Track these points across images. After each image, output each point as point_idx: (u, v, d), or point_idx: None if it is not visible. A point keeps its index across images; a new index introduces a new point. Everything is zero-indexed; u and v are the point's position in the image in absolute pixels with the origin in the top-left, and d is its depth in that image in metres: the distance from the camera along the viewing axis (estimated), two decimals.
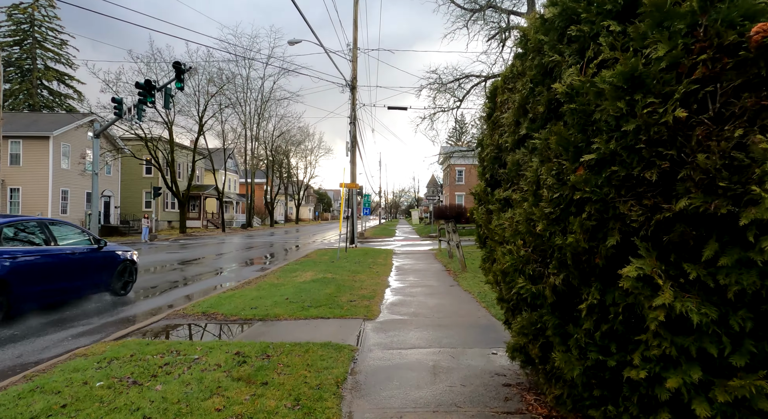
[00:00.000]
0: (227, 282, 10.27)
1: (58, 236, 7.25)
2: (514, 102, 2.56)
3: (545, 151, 2.07)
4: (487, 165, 3.32)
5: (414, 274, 10.58)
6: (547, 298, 2.14)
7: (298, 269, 11.27)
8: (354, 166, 19.13)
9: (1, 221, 6.38)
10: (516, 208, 2.54)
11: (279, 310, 6.36)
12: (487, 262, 3.63)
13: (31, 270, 6.40)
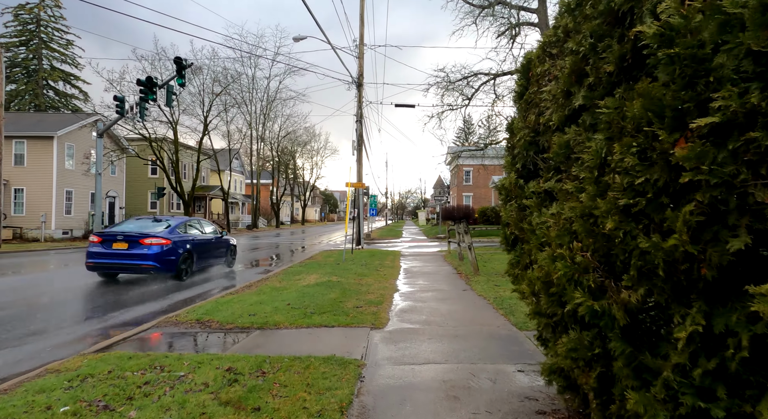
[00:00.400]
0: (227, 285, 9.80)
1: (204, 228, 11.71)
2: (563, 69, 2.04)
3: (616, 122, 1.56)
4: (519, 152, 2.79)
5: (423, 277, 10.05)
6: (617, 319, 1.62)
7: (302, 271, 10.78)
8: (360, 165, 18.63)
9: (182, 220, 11.23)
10: (566, 201, 2.02)
11: (279, 317, 5.86)
12: (517, 268, 3.10)
13: (199, 247, 10.80)
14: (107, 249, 9.61)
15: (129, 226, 10.56)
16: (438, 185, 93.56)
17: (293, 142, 54.40)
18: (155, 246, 9.55)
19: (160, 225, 10.40)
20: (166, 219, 11.05)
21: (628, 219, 1.52)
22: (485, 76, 25.98)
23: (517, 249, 3.06)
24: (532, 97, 2.65)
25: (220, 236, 11.97)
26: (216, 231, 12.11)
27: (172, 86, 15.93)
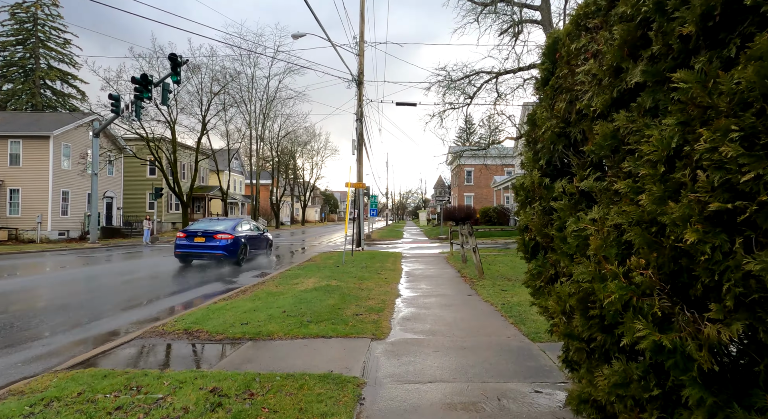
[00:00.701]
0: (221, 290, 9.41)
1: (253, 226, 14.61)
2: (610, 41, 1.65)
3: (699, 100, 1.17)
4: (544, 147, 2.40)
5: (426, 281, 9.65)
6: (701, 361, 1.22)
7: (300, 275, 10.39)
8: (360, 165, 18.24)
9: (238, 220, 14.26)
10: (612, 203, 1.63)
11: (273, 327, 5.47)
12: (539, 280, 2.71)
13: (250, 241, 13.49)
14: (190, 242, 12.82)
15: (203, 225, 13.52)
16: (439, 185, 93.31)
17: (293, 141, 54.06)
18: (224, 240, 12.69)
19: (225, 224, 13.52)
20: (227, 219, 14.82)
21: (717, 229, 1.14)
22: (487, 74, 25.59)
23: (539, 259, 2.66)
24: (561, 82, 2.26)
25: (262, 233, 15.04)
26: (259, 228, 15.05)
27: (168, 84, 15.55)
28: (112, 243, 25.01)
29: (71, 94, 39.62)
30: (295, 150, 61.39)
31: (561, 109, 2.19)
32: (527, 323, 5.58)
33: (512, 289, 8.14)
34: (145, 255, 17.68)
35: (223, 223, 13.51)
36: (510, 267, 11.55)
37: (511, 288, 8.21)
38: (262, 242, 14.92)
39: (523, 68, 24.58)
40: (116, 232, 30.30)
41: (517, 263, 12.36)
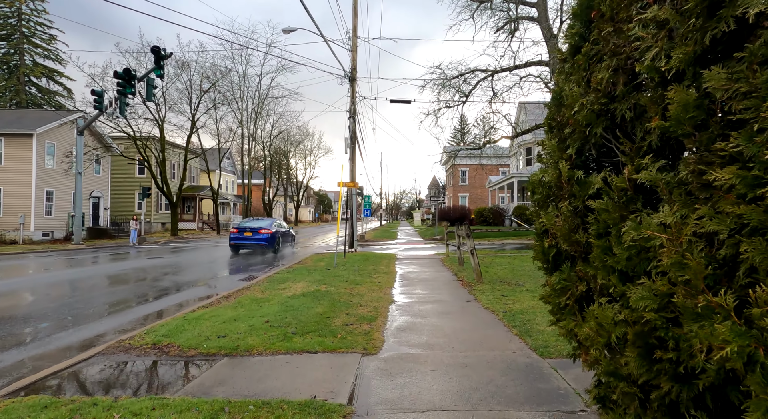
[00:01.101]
0: (203, 296, 8.84)
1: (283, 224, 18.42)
2: None
3: None
4: (574, 131, 1.90)
5: (422, 285, 9.14)
6: None
7: (288, 279, 9.84)
8: (353, 163, 17.70)
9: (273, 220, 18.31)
10: (699, 202, 1.14)
11: (254, 340, 4.93)
12: (563, 297, 2.20)
13: (282, 235, 17.53)
14: (241, 235, 17.03)
15: (248, 224, 17.65)
16: (433, 185, 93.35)
17: (286, 141, 53.38)
18: (265, 234, 16.93)
19: (265, 222, 17.78)
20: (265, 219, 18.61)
21: None
22: (483, 72, 25.16)
23: (563, 271, 2.16)
24: (600, 47, 1.75)
25: (288, 230, 19.04)
26: (287, 226, 19.08)
27: (153, 79, 14.92)
28: (97, 244, 24.27)
29: (57, 91, 38.62)
30: (288, 149, 60.72)
31: (602, 81, 1.68)
32: (533, 334, 5.08)
33: (513, 295, 7.66)
34: (131, 258, 17.02)
35: (263, 222, 17.73)
36: (509, 270, 11.07)
37: (511, 294, 7.72)
38: (289, 237, 19.42)
39: (520, 66, 24.18)
40: (103, 233, 29.51)
41: (516, 266, 11.89)
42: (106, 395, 3.52)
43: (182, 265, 14.07)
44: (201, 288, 9.69)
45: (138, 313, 7.23)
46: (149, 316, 6.99)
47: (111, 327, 6.22)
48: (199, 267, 13.49)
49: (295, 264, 13.14)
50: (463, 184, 49.62)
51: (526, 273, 10.42)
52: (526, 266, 11.74)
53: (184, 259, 15.97)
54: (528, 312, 6.20)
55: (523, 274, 10.19)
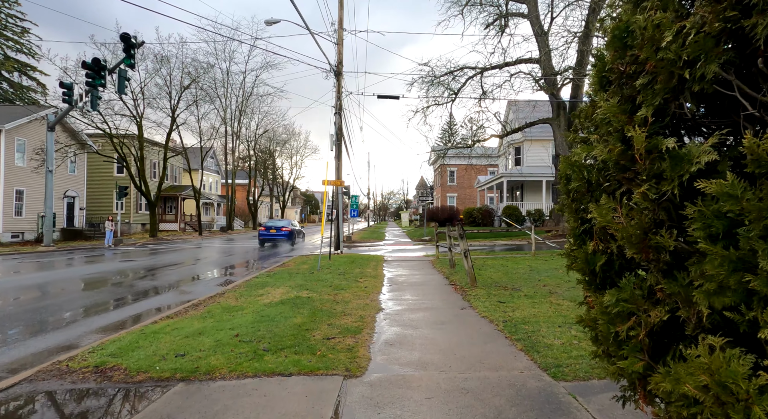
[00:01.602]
0: (172, 303, 8.05)
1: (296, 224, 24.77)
2: None
3: None
4: (657, 79, 1.24)
5: (412, 290, 8.48)
6: None
7: (267, 283, 9.10)
8: (339, 161, 16.98)
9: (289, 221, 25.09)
10: None
11: (218, 359, 4.21)
12: (623, 325, 1.55)
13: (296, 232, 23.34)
14: (267, 232, 21.99)
15: (272, 223, 22.94)
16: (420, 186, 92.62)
17: (271, 139, 52.33)
18: (285, 231, 21.90)
19: (284, 222, 22.91)
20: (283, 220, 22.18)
21: None
22: (472, 70, 24.67)
23: (623, 288, 1.50)
24: None
25: (300, 228, 23.34)
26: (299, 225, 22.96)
27: (125, 70, 14.00)
28: (70, 246, 23.10)
29: (31, 87, 37.00)
30: (274, 149, 59.63)
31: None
32: (540, 349, 4.45)
33: (511, 301, 7.04)
34: (102, 260, 16.04)
35: (282, 222, 23.21)
36: (503, 272, 10.48)
37: (509, 300, 7.11)
38: (300, 233, 24.80)
39: (510, 63, 23.74)
40: (78, 234, 28.25)
41: (510, 268, 11.31)
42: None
43: (156, 269, 13.19)
44: (171, 295, 8.88)
45: (93, 325, 6.42)
46: (107, 328, 6.19)
47: (56, 343, 5.42)
48: (173, 271, 12.64)
49: (276, 267, 12.38)
50: (452, 184, 49.21)
51: (521, 276, 9.84)
52: (520, 268, 11.17)
53: (159, 262, 15.07)
54: (531, 322, 5.58)
55: (518, 277, 9.60)
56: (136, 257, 17.01)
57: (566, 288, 8.01)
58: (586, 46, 20.87)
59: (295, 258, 14.82)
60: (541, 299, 7.10)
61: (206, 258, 16.15)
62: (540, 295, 7.40)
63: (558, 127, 22.82)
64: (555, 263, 12.12)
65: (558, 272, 10.33)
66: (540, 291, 7.85)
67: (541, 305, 6.63)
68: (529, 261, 12.76)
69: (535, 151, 30.48)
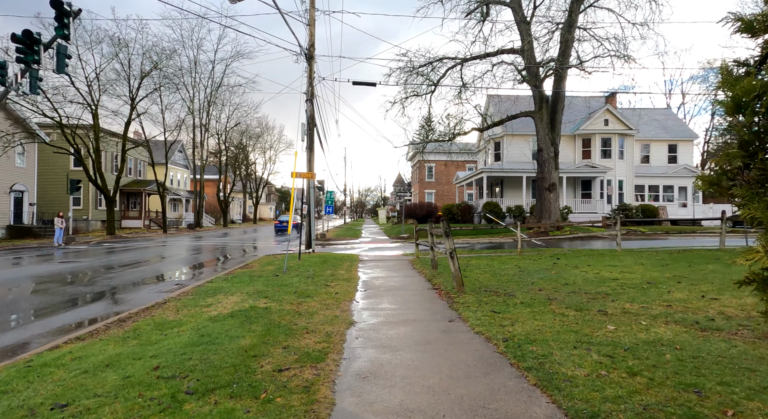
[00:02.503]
0: (97, 316, 6.64)
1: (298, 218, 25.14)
2: None
3: None
4: None
5: (390, 297, 7.32)
6: None
7: (221, 289, 7.77)
8: (311, 153, 15.65)
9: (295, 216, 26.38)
10: None
11: (113, 414, 2.93)
12: None
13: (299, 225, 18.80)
14: (281, 224, 32.39)
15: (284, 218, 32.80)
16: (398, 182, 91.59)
17: (243, 133, 50.27)
18: (295, 224, 24.02)
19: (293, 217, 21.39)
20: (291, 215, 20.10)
21: None
22: (452, 60, 23.66)
23: None
24: None
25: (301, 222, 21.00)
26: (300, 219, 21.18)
27: (65, 47, 12.27)
28: (14, 244, 20.99)
29: None
30: (247, 143, 57.48)
31: None
32: (561, 385, 3.34)
33: (507, 310, 5.96)
34: (41, 261, 14.26)
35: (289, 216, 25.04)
36: (490, 274, 9.44)
37: (504, 309, 6.03)
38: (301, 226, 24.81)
39: (491, 53, 22.80)
40: (26, 232, 25.96)
41: (496, 268, 10.29)
42: None
43: (99, 271, 11.61)
44: (101, 305, 7.44)
45: None
46: None
47: None
48: (117, 274, 11.10)
49: (238, 269, 11.01)
50: (430, 180, 48.35)
51: (511, 278, 8.81)
52: (508, 269, 10.17)
53: (106, 263, 13.44)
54: (537, 341, 4.49)
55: (508, 280, 8.57)
56: (82, 257, 15.27)
57: (565, 294, 7.01)
58: (570, 35, 20.13)
59: (260, 259, 13.45)
60: (540, 307, 6.04)
61: (162, 259, 14.60)
62: (538, 303, 6.35)
63: (540, 120, 22.07)
64: (544, 263, 11.19)
65: (551, 273, 9.36)
66: (537, 297, 6.81)
67: (543, 316, 5.57)
68: (517, 261, 11.79)
69: (515, 146, 29.78)
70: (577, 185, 30.04)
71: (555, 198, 22.17)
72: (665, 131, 32.14)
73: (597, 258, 11.95)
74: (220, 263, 13.69)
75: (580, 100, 31.30)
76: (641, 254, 12.57)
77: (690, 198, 30.65)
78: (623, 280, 8.14)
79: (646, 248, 15.01)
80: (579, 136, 29.91)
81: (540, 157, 22.29)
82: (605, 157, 29.53)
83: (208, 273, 11.06)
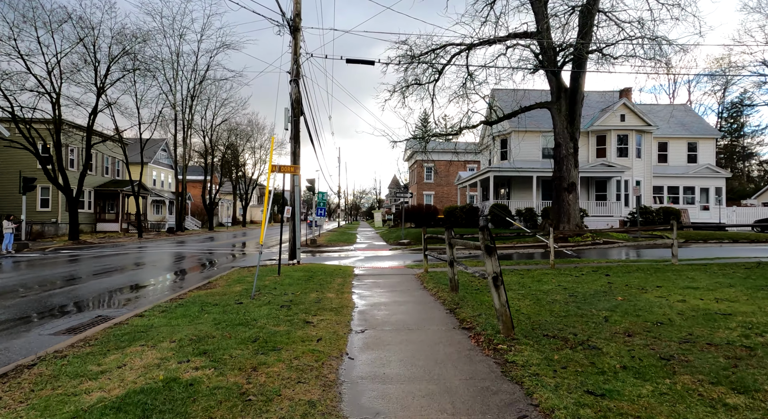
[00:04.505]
0: None
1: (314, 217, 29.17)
2: None
3: None
4: None
5: (402, 348, 4.72)
6: None
7: (146, 333, 5.15)
8: (297, 144, 13.03)
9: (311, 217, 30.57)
10: None
11: None
12: None
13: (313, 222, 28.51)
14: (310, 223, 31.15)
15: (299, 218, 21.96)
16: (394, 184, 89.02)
17: (231, 131, 47.53)
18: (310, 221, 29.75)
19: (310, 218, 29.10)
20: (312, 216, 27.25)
21: None
22: (457, 46, 21.20)
23: None
24: None
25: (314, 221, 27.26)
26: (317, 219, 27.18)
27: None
28: None
29: None
30: (237, 143, 54.72)
31: None
32: None
33: (612, 388, 3.40)
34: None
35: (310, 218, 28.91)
36: (531, 299, 6.85)
37: (605, 385, 3.47)
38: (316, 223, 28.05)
39: (501, 38, 20.39)
40: None
41: (535, 290, 7.61)
42: None
43: (10, 292, 8.92)
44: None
45: None
46: None
47: None
48: (28, 299, 8.41)
49: (194, 290, 8.36)
50: (429, 181, 45.86)
51: (565, 308, 6.25)
52: (550, 290, 7.60)
53: (33, 278, 10.73)
54: None
55: (564, 311, 6.01)
56: (13, 271, 12.52)
57: (676, 346, 4.46)
58: (594, 6, 17.65)
59: (231, 273, 10.80)
60: (663, 381, 3.51)
61: (108, 274, 11.89)
62: (652, 368, 3.81)
63: (558, 111, 19.62)
64: (592, 281, 8.65)
65: (615, 298, 6.82)
66: (638, 352, 4.25)
67: (686, 405, 3.01)
68: (554, 277, 9.26)
69: (524, 144, 27.32)
70: (591, 186, 27.63)
71: (574, 199, 19.69)
72: (684, 128, 29.86)
73: (656, 274, 9.43)
74: (178, 279, 11.01)
75: (594, 94, 28.98)
76: (709, 269, 10.06)
77: (713, 200, 28.34)
78: (741, 317, 5.58)
79: (700, 259, 12.53)
80: (593, 133, 27.53)
81: (557, 154, 19.82)
82: (621, 155, 27.17)
83: (151, 297, 8.38)
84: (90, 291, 9.07)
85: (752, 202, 37.23)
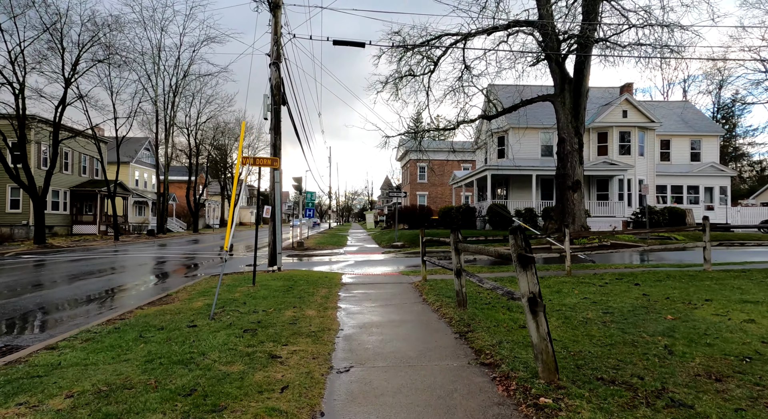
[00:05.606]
0: None
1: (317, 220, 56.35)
2: None
3: None
4: None
5: (401, 402, 3.28)
6: None
7: (53, 372, 3.69)
8: (277, 135, 11.54)
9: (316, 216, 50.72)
10: None
11: None
12: None
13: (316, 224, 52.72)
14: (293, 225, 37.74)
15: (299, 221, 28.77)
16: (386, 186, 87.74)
17: (217, 129, 45.80)
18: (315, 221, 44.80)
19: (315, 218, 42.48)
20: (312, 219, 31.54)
21: None
22: (452, 37, 19.87)
23: None
24: None
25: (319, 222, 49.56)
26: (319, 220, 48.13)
27: None
28: None
29: None
30: (225, 144, 53.02)
31: None
32: None
33: None
34: None
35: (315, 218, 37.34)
36: (560, 319, 5.45)
37: None
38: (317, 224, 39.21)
39: (500, 27, 19.13)
40: None
41: (559, 306, 6.20)
42: None
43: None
44: None
45: None
46: None
47: None
48: None
49: (145, 305, 6.86)
50: (422, 181, 44.53)
51: (608, 332, 4.87)
52: (578, 306, 6.21)
53: None
54: None
55: (608, 337, 4.64)
56: None
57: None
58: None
59: (198, 282, 9.30)
60: None
61: (54, 284, 10.29)
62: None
63: (562, 105, 18.34)
64: (622, 292, 7.31)
65: (664, 317, 5.47)
66: (748, 411, 2.87)
67: None
68: (575, 286, 7.92)
69: (523, 141, 26.05)
70: (592, 185, 26.44)
71: (579, 198, 18.41)
72: (686, 125, 28.84)
73: (693, 283, 8.10)
74: (135, 290, 9.47)
75: (595, 90, 27.83)
76: (752, 276, 8.76)
77: (717, 200, 27.32)
78: None
79: (730, 263, 11.31)
80: (594, 130, 26.35)
81: (561, 150, 18.53)
82: (623, 153, 26.03)
83: (90, 316, 6.85)
84: (16, 307, 7.50)
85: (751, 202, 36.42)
